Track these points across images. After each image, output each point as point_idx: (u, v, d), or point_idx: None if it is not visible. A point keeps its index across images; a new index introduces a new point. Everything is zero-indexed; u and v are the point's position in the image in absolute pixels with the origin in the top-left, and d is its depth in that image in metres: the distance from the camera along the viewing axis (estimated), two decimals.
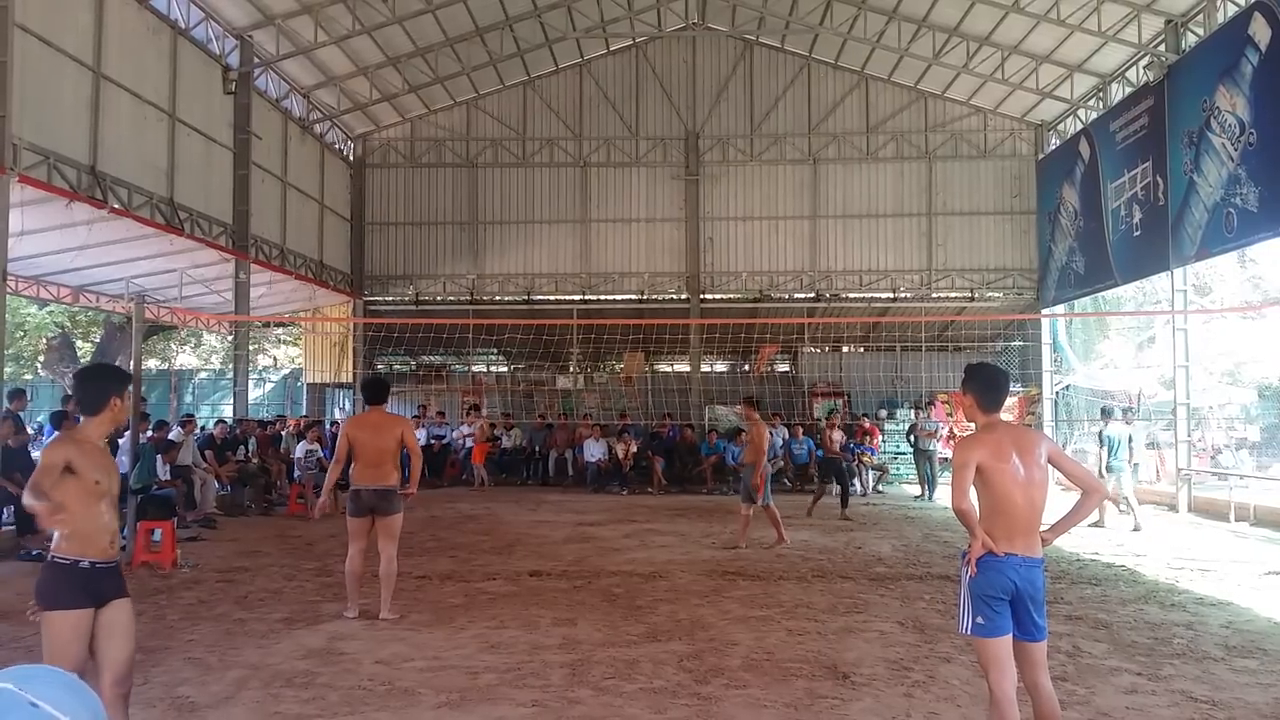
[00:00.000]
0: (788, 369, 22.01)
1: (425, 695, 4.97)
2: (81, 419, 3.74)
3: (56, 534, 3.62)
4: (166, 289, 16.20)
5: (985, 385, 3.95)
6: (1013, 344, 20.62)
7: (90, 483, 3.60)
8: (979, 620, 3.70)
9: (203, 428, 16.49)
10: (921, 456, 16.73)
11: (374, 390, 7.04)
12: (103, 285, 16.34)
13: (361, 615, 6.75)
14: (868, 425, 18.69)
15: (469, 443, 18.86)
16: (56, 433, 10.41)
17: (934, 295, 20.48)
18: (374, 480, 6.60)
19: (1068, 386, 21.65)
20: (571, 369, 21.07)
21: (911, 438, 17.34)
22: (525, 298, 20.90)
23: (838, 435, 14.93)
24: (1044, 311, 19.83)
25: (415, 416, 19.78)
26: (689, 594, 7.71)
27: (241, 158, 15.27)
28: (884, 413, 19.92)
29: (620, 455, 18.05)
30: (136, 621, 6.70)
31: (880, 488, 17.66)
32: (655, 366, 22.21)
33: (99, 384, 3.76)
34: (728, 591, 7.84)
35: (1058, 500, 4.36)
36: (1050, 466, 3.84)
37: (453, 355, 22.33)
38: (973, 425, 4.08)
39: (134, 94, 12.46)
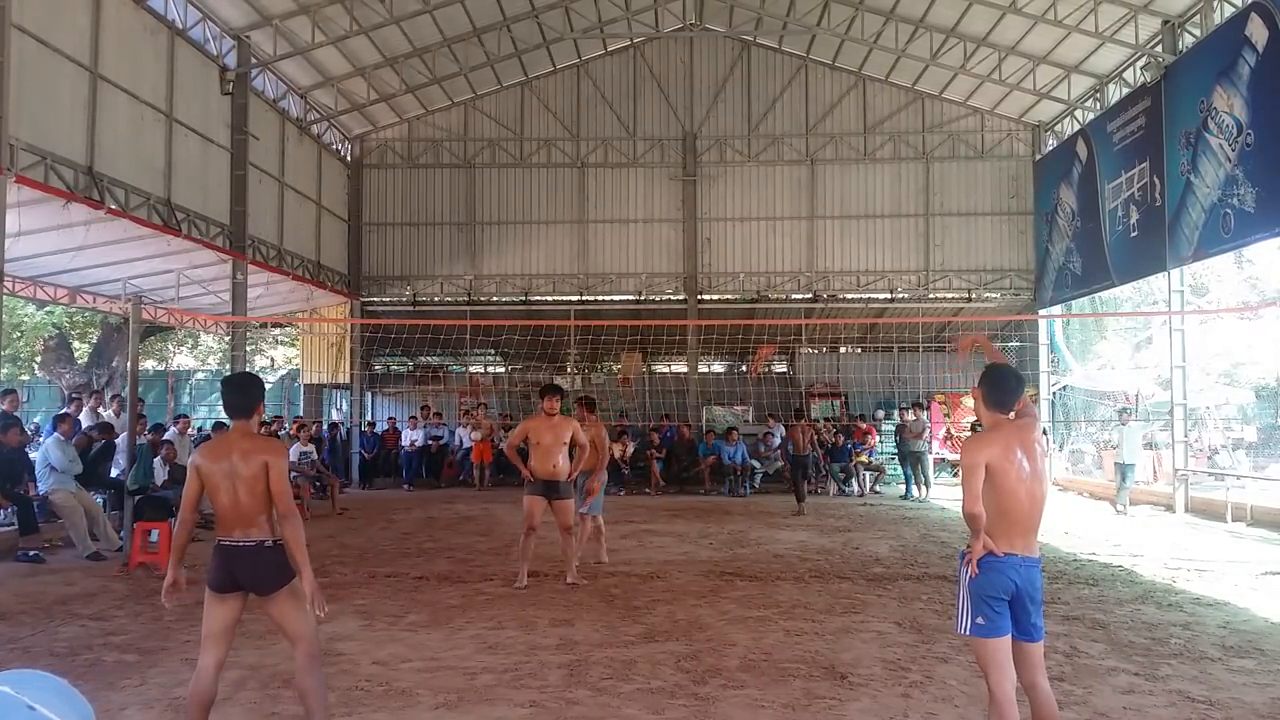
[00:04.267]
0: (785, 370, 22.01)
1: (423, 696, 4.97)
2: (233, 421, 4.32)
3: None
4: (164, 290, 16.15)
5: (992, 385, 3.99)
6: (1010, 344, 20.62)
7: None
8: (979, 620, 3.71)
9: (199, 429, 16.50)
10: (910, 456, 16.85)
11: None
12: (100, 286, 16.29)
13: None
14: (864, 426, 18.74)
15: (468, 441, 18.83)
16: (55, 433, 10.43)
17: (931, 296, 20.47)
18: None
19: (1065, 387, 21.70)
20: (569, 370, 21.05)
21: (898, 437, 17.48)
22: (523, 298, 20.88)
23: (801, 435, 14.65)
24: (1041, 312, 19.82)
25: (413, 417, 19.78)
26: (686, 594, 7.72)
27: (239, 158, 15.23)
28: (881, 413, 19.96)
29: (617, 456, 18.03)
30: (134, 622, 6.73)
31: (878, 488, 17.68)
32: (653, 367, 22.20)
33: (252, 391, 4.38)
34: (725, 592, 7.85)
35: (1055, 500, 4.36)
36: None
37: (450, 356, 22.31)
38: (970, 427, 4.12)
39: (131, 94, 12.42)
